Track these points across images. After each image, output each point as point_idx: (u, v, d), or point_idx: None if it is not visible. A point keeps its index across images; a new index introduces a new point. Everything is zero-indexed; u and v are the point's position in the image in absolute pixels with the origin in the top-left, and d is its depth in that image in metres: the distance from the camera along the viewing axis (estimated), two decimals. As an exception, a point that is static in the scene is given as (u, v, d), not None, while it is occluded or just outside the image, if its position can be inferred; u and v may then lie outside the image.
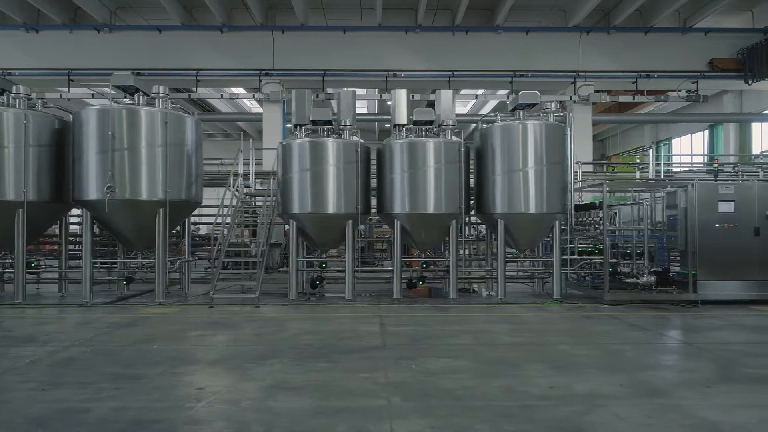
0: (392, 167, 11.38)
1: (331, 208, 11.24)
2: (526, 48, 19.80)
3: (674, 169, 24.60)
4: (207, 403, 4.92)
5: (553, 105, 11.73)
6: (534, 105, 11.48)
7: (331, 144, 11.27)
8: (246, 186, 13.96)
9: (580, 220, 13.44)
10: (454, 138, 11.61)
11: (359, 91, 22.83)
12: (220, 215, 12.30)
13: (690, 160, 27.80)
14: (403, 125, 11.58)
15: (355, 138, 11.58)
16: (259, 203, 14.26)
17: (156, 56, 19.21)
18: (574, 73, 19.71)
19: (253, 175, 13.74)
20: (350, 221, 11.26)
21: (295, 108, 11.64)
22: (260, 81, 19.34)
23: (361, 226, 12.73)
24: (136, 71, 18.89)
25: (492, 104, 29.76)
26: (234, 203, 12.48)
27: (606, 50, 19.83)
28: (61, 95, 18.82)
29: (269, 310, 10.29)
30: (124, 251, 12.05)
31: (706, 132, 29.88)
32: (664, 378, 5.69)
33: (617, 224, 13.22)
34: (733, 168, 17.92)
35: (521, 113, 11.62)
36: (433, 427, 4.37)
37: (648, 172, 14.86)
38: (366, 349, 7.04)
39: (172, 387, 5.39)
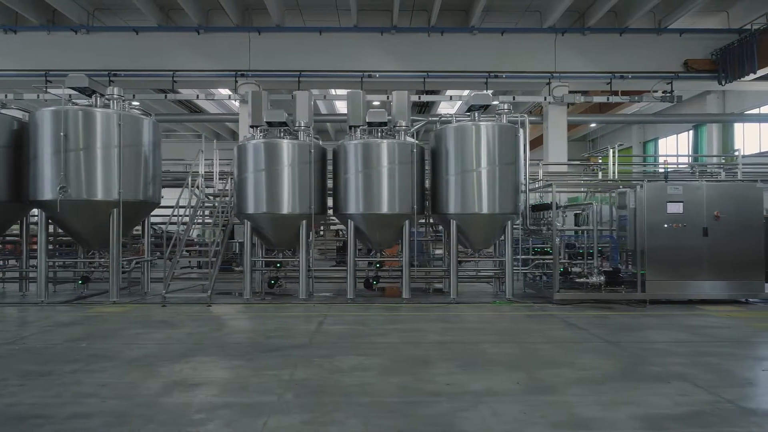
0: (347, 168, 11.49)
1: (285, 209, 11.36)
2: (501, 49, 19.86)
3: (660, 169, 24.76)
4: (101, 398, 5.05)
5: (506, 106, 11.81)
6: (487, 106, 11.57)
7: (285, 145, 11.39)
8: (210, 186, 14.09)
9: (541, 220, 13.50)
10: (408, 139, 11.72)
11: (341, 91, 23.07)
12: (175, 215, 12.39)
13: (676, 161, 27.92)
14: (358, 126, 11.68)
15: (309, 139, 11.68)
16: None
17: (133, 57, 19.35)
18: (549, 74, 19.77)
19: (217, 176, 13.85)
20: (304, 221, 11.38)
21: (252, 109, 11.78)
22: (236, 82, 19.47)
23: (341, 226, 12.81)
24: (113, 72, 19.18)
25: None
26: (194, 203, 12.61)
27: (581, 51, 19.88)
28: (38, 96, 19.00)
29: (220, 309, 10.42)
30: (84, 251, 12.18)
31: (691, 132, 29.94)
32: (564, 376, 5.79)
33: (592, 224, 13.11)
34: (706, 168, 17.95)
35: (476, 114, 11.73)
36: (307, 422, 4.50)
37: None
38: (290, 347, 7.16)
39: (76, 383, 5.51)
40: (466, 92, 25.15)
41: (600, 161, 22.58)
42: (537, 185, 14.56)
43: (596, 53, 19.90)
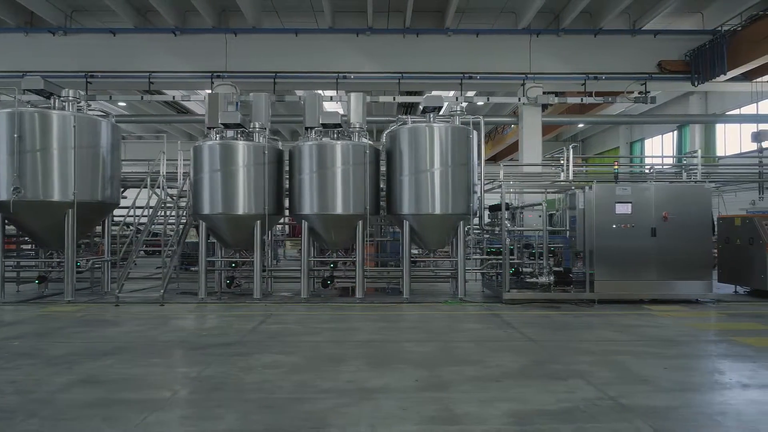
0: (301, 169, 11.62)
1: (240, 209, 11.50)
2: (476, 50, 19.94)
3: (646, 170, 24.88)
4: (1, 394, 5.19)
5: (458, 108, 11.92)
6: (440, 108, 11.69)
7: (241, 146, 11.53)
8: (175, 187, 14.21)
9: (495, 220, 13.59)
10: (363, 140, 11.83)
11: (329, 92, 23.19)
12: (130, 215, 12.54)
13: (660, 161, 27.98)
14: (313, 127, 11.80)
15: (265, 141, 11.81)
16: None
17: (110, 59, 19.51)
18: (524, 75, 19.85)
19: (181, 176, 13.97)
20: (258, 221, 11.51)
21: (208, 111, 11.93)
22: (212, 83, 19.62)
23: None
24: (89, 73, 19.36)
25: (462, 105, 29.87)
26: (154, 203, 12.77)
27: (556, 52, 19.94)
28: (15, 98, 19.13)
29: (171, 308, 10.58)
30: (44, 251, 12.33)
31: (676, 133, 30.01)
32: (464, 374, 5.89)
33: (564, 224, 13.17)
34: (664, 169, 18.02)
35: (431, 116, 11.85)
36: (186, 416, 4.65)
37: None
38: (216, 345, 7.29)
39: (-16, 380, 5.66)
40: (451, 93, 25.37)
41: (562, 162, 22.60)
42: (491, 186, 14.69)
43: (571, 54, 19.96)
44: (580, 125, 35.67)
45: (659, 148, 31.94)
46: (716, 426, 4.47)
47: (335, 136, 11.81)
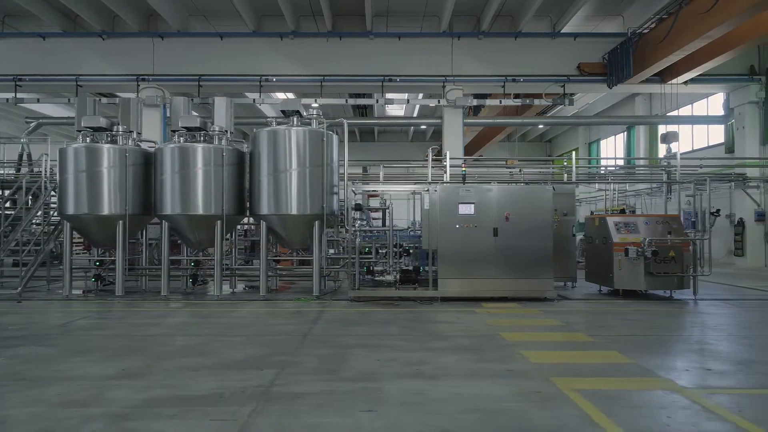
0: (163, 169, 12.02)
1: (106, 209, 11.93)
2: (398, 53, 20.27)
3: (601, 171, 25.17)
4: None
5: (315, 111, 12.28)
6: (298, 111, 12.03)
7: (106, 149, 11.97)
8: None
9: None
10: (223, 143, 12.20)
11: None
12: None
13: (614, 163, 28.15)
14: (176, 130, 12.20)
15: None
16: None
17: (39, 62, 20.06)
18: (444, 78, 20.15)
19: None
20: (120, 222, 11.94)
21: (77, 114, 12.39)
22: (138, 86, 20.10)
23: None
24: (18, 77, 19.93)
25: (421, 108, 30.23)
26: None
27: (477, 55, 20.22)
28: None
29: (29, 305, 11.02)
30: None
31: (625, 134, 30.18)
32: (175, 364, 6.24)
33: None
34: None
35: (294, 119, 12.20)
36: None
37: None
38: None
39: None
40: (405, 95, 25.71)
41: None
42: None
43: (492, 57, 20.23)
44: (540, 126, 35.89)
45: (613, 149, 32.13)
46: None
47: (201, 138, 12.20)
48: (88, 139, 12.22)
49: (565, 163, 13.37)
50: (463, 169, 12.53)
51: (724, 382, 5.70)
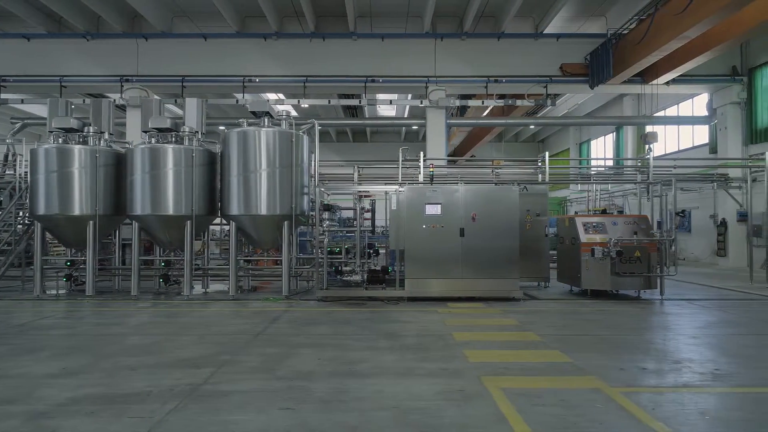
0: (133, 170, 12.09)
1: (77, 210, 12.02)
2: (381, 53, 20.33)
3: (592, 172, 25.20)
4: None
5: (284, 113, 12.35)
6: (267, 112, 12.10)
7: (76, 150, 12.05)
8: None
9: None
10: (194, 143, 12.27)
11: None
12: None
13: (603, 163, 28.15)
14: (147, 131, 12.28)
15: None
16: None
17: (24, 63, 20.17)
18: (426, 78, 20.21)
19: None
20: (91, 222, 12.02)
21: (48, 115, 12.48)
22: (122, 86, 20.19)
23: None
24: (2, 77, 20.02)
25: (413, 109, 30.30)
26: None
27: (459, 55, 20.27)
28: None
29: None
30: None
31: (614, 134, 30.20)
32: (114, 362, 6.33)
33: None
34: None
35: (266, 120, 12.27)
36: None
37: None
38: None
39: None
40: (393, 96, 25.81)
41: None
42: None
43: (475, 58, 20.27)
44: (531, 126, 35.92)
45: (603, 149, 32.14)
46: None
47: (173, 139, 12.28)
48: (59, 140, 12.30)
49: (540, 164, 13.37)
50: (431, 169, 12.55)
51: (654, 381, 5.75)
